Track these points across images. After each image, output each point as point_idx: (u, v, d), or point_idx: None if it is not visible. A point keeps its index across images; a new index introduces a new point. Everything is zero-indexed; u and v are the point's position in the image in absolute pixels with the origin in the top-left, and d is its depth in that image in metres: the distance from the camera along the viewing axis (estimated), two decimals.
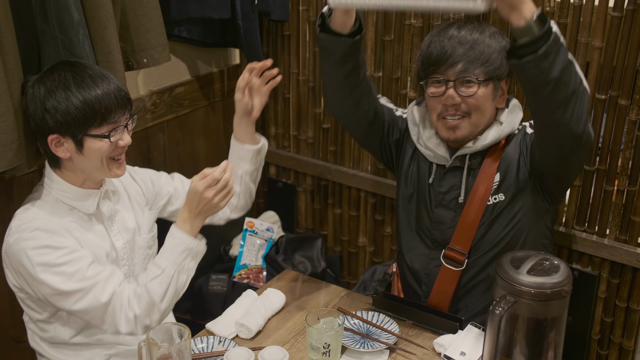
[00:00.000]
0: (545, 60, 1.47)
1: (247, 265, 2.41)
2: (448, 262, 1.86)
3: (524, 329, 1.45)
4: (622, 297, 2.06)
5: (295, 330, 1.79)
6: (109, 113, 1.57)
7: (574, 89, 1.54)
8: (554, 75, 1.49)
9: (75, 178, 1.65)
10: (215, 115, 2.56)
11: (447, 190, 1.85)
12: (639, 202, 1.95)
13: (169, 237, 1.67)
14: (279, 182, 2.66)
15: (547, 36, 1.45)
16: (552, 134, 1.64)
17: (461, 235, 1.83)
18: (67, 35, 1.68)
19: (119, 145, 1.62)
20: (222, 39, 2.36)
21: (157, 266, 1.64)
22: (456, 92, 1.73)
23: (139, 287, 1.63)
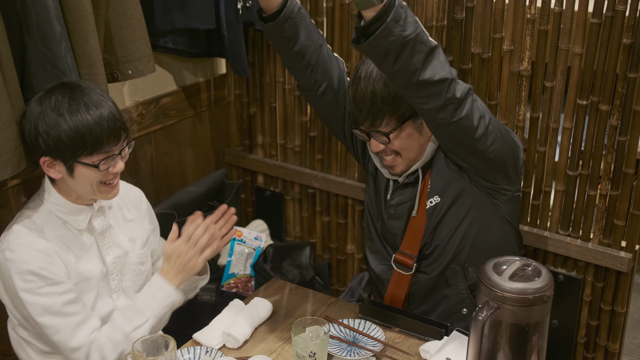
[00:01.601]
0: (397, 24, 1.47)
1: (236, 274, 2.41)
2: (399, 266, 1.91)
3: (507, 334, 1.46)
4: (606, 301, 2.07)
5: (282, 339, 1.80)
6: (100, 144, 1.57)
7: (429, 48, 1.54)
8: (408, 36, 1.49)
9: (69, 194, 1.67)
10: (202, 125, 2.57)
11: (398, 203, 1.90)
12: (621, 206, 1.97)
13: (155, 289, 1.69)
14: (266, 190, 2.67)
15: (392, 3, 1.47)
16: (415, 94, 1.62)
17: (409, 240, 1.89)
18: (50, 48, 1.69)
19: (110, 172, 1.63)
20: (207, 49, 2.37)
21: (141, 315, 1.66)
22: (375, 141, 1.80)
23: (118, 334, 1.65)
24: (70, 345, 1.61)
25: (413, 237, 1.88)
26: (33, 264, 1.58)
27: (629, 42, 1.82)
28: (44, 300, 1.59)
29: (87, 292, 1.69)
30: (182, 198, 2.43)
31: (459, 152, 1.75)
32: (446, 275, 1.89)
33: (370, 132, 1.79)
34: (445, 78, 1.58)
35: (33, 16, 1.65)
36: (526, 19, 1.93)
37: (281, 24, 1.73)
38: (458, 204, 1.83)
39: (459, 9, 2.02)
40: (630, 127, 1.89)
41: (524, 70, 1.99)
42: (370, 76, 1.75)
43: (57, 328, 1.60)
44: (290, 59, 1.83)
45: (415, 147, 1.81)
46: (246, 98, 2.59)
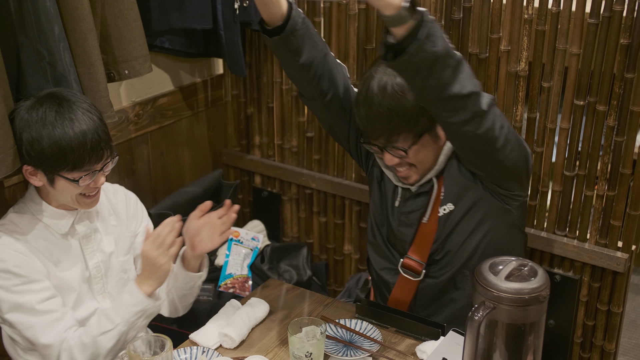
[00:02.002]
0: (429, 40, 1.44)
1: (233, 274, 2.41)
2: (406, 271, 1.88)
3: (503, 334, 1.46)
4: (603, 301, 2.07)
5: (279, 339, 1.80)
6: (82, 162, 1.58)
7: (457, 61, 1.51)
8: (439, 52, 1.46)
9: (52, 199, 1.68)
10: (200, 125, 2.57)
11: (411, 211, 1.86)
12: (618, 206, 1.97)
13: (127, 294, 1.67)
14: (264, 191, 2.67)
15: (423, 19, 1.43)
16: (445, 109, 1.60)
17: (419, 246, 1.86)
18: (48, 47, 1.69)
19: (90, 186, 1.63)
20: (204, 49, 2.37)
21: (110, 320, 1.65)
22: (391, 154, 1.76)
23: (87, 337, 1.64)
24: (42, 342, 1.61)
25: (422, 243, 1.85)
26: (8, 262, 1.59)
27: (627, 42, 1.82)
28: (17, 298, 1.59)
29: (67, 296, 1.69)
30: (180, 199, 2.43)
31: (478, 162, 1.73)
32: (456, 279, 1.86)
33: (385, 147, 1.75)
34: (472, 92, 1.54)
35: (31, 15, 1.65)
36: (523, 19, 1.93)
37: (287, 37, 1.66)
38: (473, 211, 1.80)
39: (457, 9, 2.02)
40: (627, 127, 1.89)
41: (521, 71, 1.99)
42: (384, 91, 1.69)
43: (28, 324, 1.61)
44: (296, 71, 1.77)
45: (430, 158, 1.78)
46: (243, 98, 2.59)
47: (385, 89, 1.69)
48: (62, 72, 1.72)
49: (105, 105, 1.86)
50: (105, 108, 1.86)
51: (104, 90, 1.84)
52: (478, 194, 1.79)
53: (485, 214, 1.80)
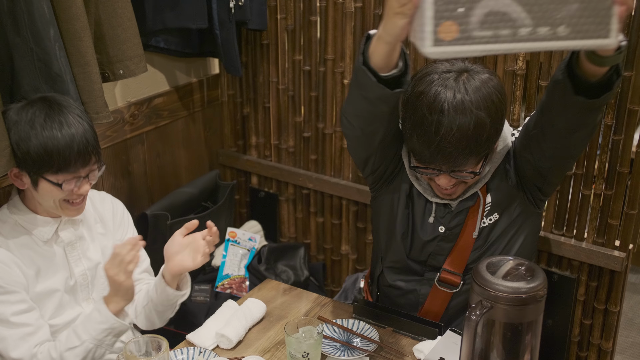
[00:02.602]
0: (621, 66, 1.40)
1: (230, 275, 2.40)
2: (442, 284, 1.82)
3: (500, 334, 1.45)
4: (600, 300, 2.07)
5: (276, 339, 1.79)
6: (67, 165, 1.57)
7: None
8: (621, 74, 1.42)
9: (36, 206, 1.67)
10: (196, 125, 2.56)
11: (454, 226, 1.77)
12: (615, 205, 1.96)
13: (95, 311, 1.66)
14: (261, 191, 2.66)
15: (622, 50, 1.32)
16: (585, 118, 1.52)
17: (455, 258, 1.79)
18: (43, 47, 1.68)
19: (74, 192, 1.62)
20: (200, 49, 2.36)
21: (77, 337, 1.64)
22: (450, 177, 1.63)
23: (55, 352, 1.63)
24: (12, 356, 1.60)
25: (460, 256, 1.78)
26: None
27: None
28: None
29: (47, 304, 1.68)
30: (176, 199, 2.42)
31: (565, 163, 1.67)
32: None
33: (449, 171, 1.60)
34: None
35: (24, 15, 1.64)
36: None
37: (399, 94, 1.46)
38: (516, 220, 1.76)
39: None
40: (625, 126, 1.89)
41: (518, 70, 1.98)
42: (460, 112, 1.50)
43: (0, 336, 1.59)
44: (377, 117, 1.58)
45: (491, 168, 1.71)
46: (239, 98, 2.58)
47: (462, 104, 1.50)
48: (58, 72, 1.71)
49: (101, 105, 1.85)
50: (100, 108, 1.85)
51: (99, 90, 1.83)
52: (521, 202, 1.75)
53: (524, 222, 1.78)
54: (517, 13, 1.16)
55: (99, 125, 2.12)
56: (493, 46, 1.19)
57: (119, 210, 1.87)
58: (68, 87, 1.74)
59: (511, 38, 1.18)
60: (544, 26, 1.17)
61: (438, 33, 1.17)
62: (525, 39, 1.18)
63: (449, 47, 1.18)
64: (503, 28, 1.17)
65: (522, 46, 1.19)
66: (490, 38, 1.18)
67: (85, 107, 1.85)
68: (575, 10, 1.16)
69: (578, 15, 1.17)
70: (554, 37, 1.18)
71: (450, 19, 1.16)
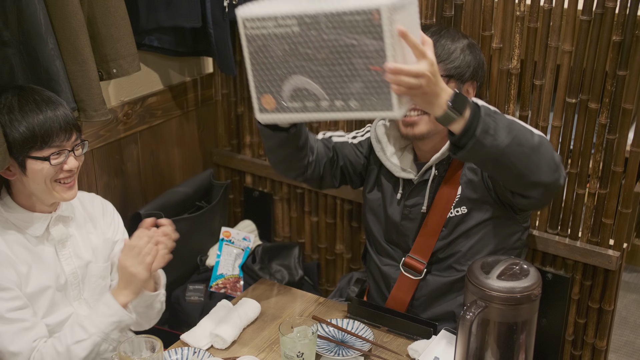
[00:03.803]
0: (487, 135, 1.45)
1: (224, 275, 2.40)
2: (407, 270, 1.87)
3: (495, 333, 1.45)
4: (594, 299, 2.07)
5: (271, 339, 1.79)
6: (50, 137, 1.57)
7: (531, 146, 1.51)
8: (503, 144, 1.46)
9: (27, 200, 1.66)
10: (190, 124, 2.55)
11: (414, 204, 1.85)
12: (609, 204, 1.97)
13: (103, 305, 1.66)
14: (255, 190, 2.65)
15: (477, 114, 1.44)
16: (521, 191, 1.64)
17: (421, 245, 1.84)
18: (32, 45, 1.67)
19: (64, 168, 1.62)
20: (194, 48, 2.36)
21: (85, 330, 1.63)
22: None
23: (60, 345, 1.62)
24: (9, 350, 1.59)
25: (425, 242, 1.83)
26: None
27: (619, 39, 1.82)
28: None
29: (39, 301, 1.67)
30: (170, 199, 2.41)
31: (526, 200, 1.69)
32: (459, 284, 1.84)
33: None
34: (551, 182, 1.55)
35: (14, 12, 1.63)
36: (515, 16, 1.93)
37: (297, 133, 1.71)
38: (488, 222, 1.79)
39: (448, 6, 2.01)
40: (619, 125, 1.89)
41: (513, 69, 1.98)
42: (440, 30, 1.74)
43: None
44: (297, 155, 1.79)
45: None
46: (234, 97, 2.58)
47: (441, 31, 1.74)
48: (49, 70, 1.70)
49: (99, 103, 1.85)
50: (98, 106, 1.85)
51: (96, 88, 1.83)
52: (496, 207, 1.78)
53: (498, 231, 1.80)
54: (316, 89, 1.40)
55: (93, 124, 2.12)
56: (304, 115, 1.44)
57: (109, 211, 1.87)
58: (61, 86, 1.73)
59: (316, 109, 1.42)
60: (339, 100, 1.40)
61: (262, 103, 1.46)
62: (327, 110, 1.42)
63: (271, 115, 1.47)
64: (308, 101, 1.42)
65: (326, 116, 1.43)
66: (300, 108, 1.43)
67: (83, 105, 1.84)
68: (360, 88, 1.37)
69: (363, 92, 1.37)
70: (348, 108, 1.40)
71: (268, 93, 1.44)
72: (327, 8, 1.33)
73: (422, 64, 1.36)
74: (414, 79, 1.34)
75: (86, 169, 2.18)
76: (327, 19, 1.34)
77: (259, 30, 1.40)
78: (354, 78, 1.37)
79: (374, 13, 1.29)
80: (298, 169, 1.85)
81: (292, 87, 1.42)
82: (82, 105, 1.84)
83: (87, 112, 1.85)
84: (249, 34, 1.41)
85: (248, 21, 1.40)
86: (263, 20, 1.38)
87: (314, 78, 1.40)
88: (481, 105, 1.46)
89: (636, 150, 1.90)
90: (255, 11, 1.39)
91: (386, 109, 1.38)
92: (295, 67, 1.40)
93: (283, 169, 1.88)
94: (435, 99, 1.41)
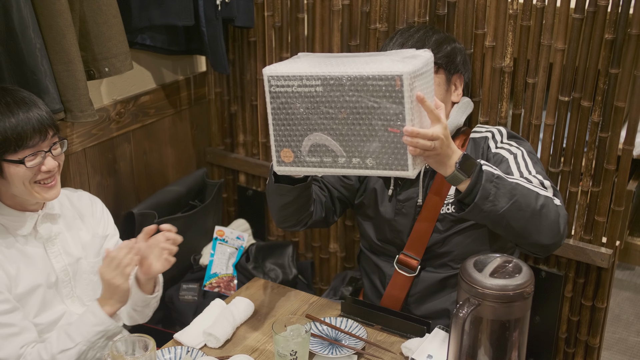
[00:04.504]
0: (486, 201, 1.52)
1: (218, 274, 2.39)
2: (401, 267, 1.87)
3: (487, 331, 1.45)
4: (587, 296, 2.08)
5: (264, 338, 1.78)
6: (23, 140, 1.55)
7: (532, 210, 1.55)
8: (502, 209, 1.53)
9: (12, 200, 1.65)
10: (183, 123, 2.55)
11: (407, 198, 1.85)
12: (602, 202, 1.97)
13: (89, 313, 1.65)
14: (249, 189, 2.65)
15: (479, 180, 1.51)
16: (521, 246, 1.68)
17: (415, 241, 1.84)
18: (19, 44, 1.66)
19: (42, 170, 1.60)
20: (186, 47, 2.35)
21: (71, 339, 1.63)
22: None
23: (46, 354, 1.62)
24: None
25: (419, 239, 1.83)
26: None
27: (611, 37, 1.82)
28: None
29: (30, 301, 1.66)
30: (163, 198, 2.41)
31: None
32: (453, 280, 1.84)
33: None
34: (551, 243, 1.60)
35: (0, 11, 1.62)
36: (508, 14, 1.93)
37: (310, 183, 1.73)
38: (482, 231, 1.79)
39: (441, 4, 2.01)
40: (612, 123, 1.89)
41: (506, 67, 1.98)
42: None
43: None
44: (307, 205, 1.80)
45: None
46: (227, 96, 2.57)
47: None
48: (35, 70, 1.69)
49: (85, 104, 1.83)
50: (85, 106, 1.83)
51: (83, 88, 1.81)
52: None
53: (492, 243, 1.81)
54: (334, 146, 1.48)
55: (85, 123, 2.11)
56: (320, 169, 1.51)
57: (98, 206, 1.86)
58: (47, 86, 1.72)
59: (333, 164, 1.50)
60: (356, 157, 1.47)
61: (280, 157, 1.52)
62: (343, 166, 1.49)
63: (288, 167, 1.53)
64: (326, 157, 1.49)
65: (342, 171, 1.50)
66: (317, 163, 1.50)
67: (70, 105, 1.83)
68: (377, 148, 1.45)
69: (379, 151, 1.45)
70: (364, 166, 1.47)
71: (287, 147, 1.51)
72: (351, 72, 1.41)
73: (437, 128, 1.43)
74: (429, 141, 1.42)
75: (78, 168, 2.17)
76: (350, 82, 1.41)
77: (284, 88, 1.47)
78: (373, 138, 1.44)
79: (396, 79, 1.38)
80: (305, 219, 1.85)
81: (312, 142, 1.49)
82: (68, 106, 1.82)
83: (74, 113, 1.84)
84: (274, 91, 1.47)
85: (273, 79, 1.46)
86: (288, 79, 1.46)
87: (334, 136, 1.47)
88: (484, 170, 1.52)
89: (628, 148, 1.91)
90: (281, 70, 1.46)
91: (401, 169, 1.45)
92: (316, 124, 1.47)
93: (292, 223, 1.86)
94: (447, 160, 1.50)
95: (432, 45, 1.76)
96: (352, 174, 1.51)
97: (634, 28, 1.79)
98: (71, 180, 2.15)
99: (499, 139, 1.80)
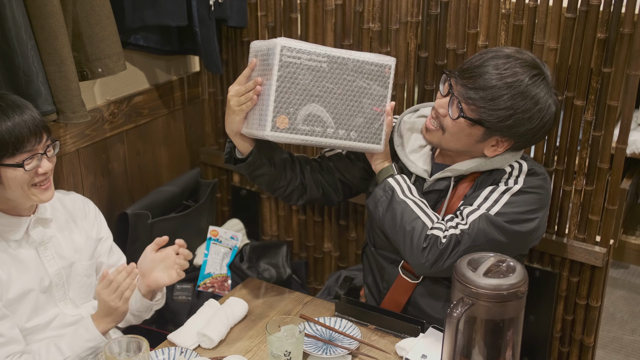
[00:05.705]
0: (376, 201, 1.78)
1: (212, 274, 2.39)
2: (405, 273, 1.86)
3: (482, 330, 1.45)
4: (581, 295, 2.08)
5: (258, 338, 1.78)
6: (21, 143, 1.55)
7: (400, 226, 1.72)
8: (380, 213, 1.77)
9: (4, 204, 1.64)
10: (176, 123, 2.54)
11: None
12: (596, 201, 1.97)
13: (82, 328, 1.65)
14: (242, 189, 2.65)
15: (382, 183, 1.78)
16: None
17: None
18: (11, 45, 1.65)
19: (38, 172, 1.60)
20: (180, 47, 2.34)
21: (60, 352, 1.63)
22: (446, 102, 1.71)
23: None
24: None
25: None
26: None
27: (603, 36, 1.83)
28: None
29: (22, 306, 1.65)
30: (157, 198, 2.40)
31: None
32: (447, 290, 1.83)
33: (454, 94, 1.68)
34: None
35: None
36: (501, 13, 1.93)
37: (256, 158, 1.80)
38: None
39: (434, 4, 2.01)
40: (605, 122, 1.90)
41: None
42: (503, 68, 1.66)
43: None
44: (276, 177, 1.87)
45: (463, 146, 1.73)
46: (220, 96, 2.57)
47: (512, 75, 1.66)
48: (26, 71, 1.68)
49: (77, 105, 1.83)
50: (77, 107, 1.83)
51: (75, 89, 1.81)
52: None
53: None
54: (326, 117, 1.69)
55: (78, 124, 2.11)
56: (309, 137, 1.69)
57: (91, 209, 1.86)
58: (39, 87, 1.71)
59: (321, 134, 1.69)
60: (342, 129, 1.71)
61: (276, 123, 1.65)
62: (330, 136, 1.70)
63: (281, 133, 1.66)
64: (317, 126, 1.69)
65: (328, 141, 1.70)
66: (309, 132, 1.68)
67: (62, 106, 1.82)
68: (361, 122, 1.72)
69: (362, 125, 1.72)
70: (347, 138, 1.72)
71: (284, 114, 1.65)
72: (355, 56, 1.70)
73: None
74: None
75: (72, 169, 2.16)
76: (352, 64, 1.69)
77: (293, 59, 1.64)
78: (360, 114, 1.71)
79: (386, 67, 1.71)
80: (280, 189, 1.92)
81: (308, 112, 1.67)
82: (60, 107, 1.82)
83: (66, 114, 1.83)
84: (284, 60, 1.63)
85: (286, 49, 1.63)
86: (300, 52, 1.64)
87: (328, 108, 1.69)
88: (387, 181, 1.78)
89: (621, 147, 1.91)
90: (294, 43, 1.64)
91: (375, 143, 1.75)
92: (316, 96, 1.67)
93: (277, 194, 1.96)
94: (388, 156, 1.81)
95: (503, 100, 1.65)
96: (335, 145, 1.72)
97: (626, 27, 1.80)
98: (64, 181, 2.14)
99: (516, 174, 1.76)
